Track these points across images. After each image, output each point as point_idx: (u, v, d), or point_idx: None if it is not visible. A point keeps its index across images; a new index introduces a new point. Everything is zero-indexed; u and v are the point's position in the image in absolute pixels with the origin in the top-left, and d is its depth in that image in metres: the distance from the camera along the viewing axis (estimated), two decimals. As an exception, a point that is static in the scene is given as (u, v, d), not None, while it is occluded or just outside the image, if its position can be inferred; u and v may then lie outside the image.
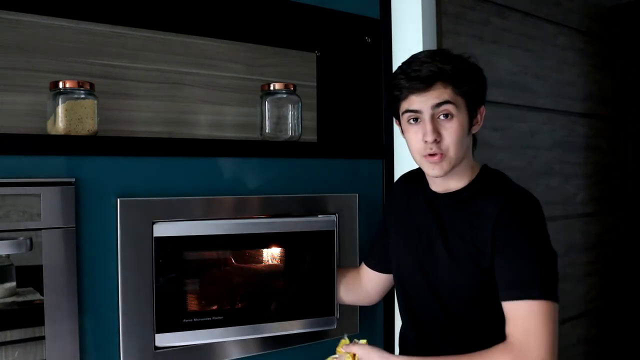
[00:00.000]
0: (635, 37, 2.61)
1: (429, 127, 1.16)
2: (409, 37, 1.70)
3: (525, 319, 1.08)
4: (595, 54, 2.53)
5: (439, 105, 1.16)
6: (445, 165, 1.18)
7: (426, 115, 1.17)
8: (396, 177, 1.68)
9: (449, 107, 1.16)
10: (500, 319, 1.17)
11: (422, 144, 1.19)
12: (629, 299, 2.65)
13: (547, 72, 2.27)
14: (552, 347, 1.07)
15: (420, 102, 1.17)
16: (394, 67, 1.68)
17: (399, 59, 1.68)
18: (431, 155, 1.18)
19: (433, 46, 1.72)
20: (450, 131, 1.17)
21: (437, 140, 1.16)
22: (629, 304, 2.65)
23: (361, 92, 1.71)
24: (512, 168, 2.10)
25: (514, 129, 2.13)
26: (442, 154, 1.18)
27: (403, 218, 1.36)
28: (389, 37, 1.70)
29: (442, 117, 1.17)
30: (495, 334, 1.18)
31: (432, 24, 1.73)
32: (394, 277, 1.39)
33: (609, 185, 2.65)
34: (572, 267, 2.38)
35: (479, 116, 1.23)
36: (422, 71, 1.16)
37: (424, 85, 1.16)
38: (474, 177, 1.24)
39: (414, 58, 1.21)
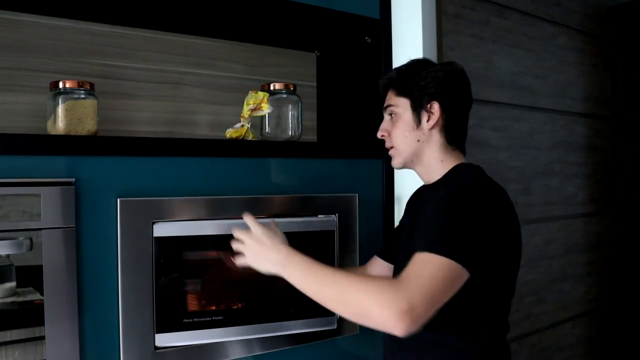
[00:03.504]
0: (635, 37, 2.61)
1: (381, 125, 1.35)
2: (409, 37, 1.70)
3: (417, 265, 1.06)
4: (595, 54, 2.53)
5: (385, 108, 1.34)
6: (397, 157, 1.32)
7: (385, 116, 1.35)
8: (396, 177, 1.68)
9: (392, 109, 1.32)
10: (464, 316, 1.19)
11: None
12: (629, 299, 2.65)
13: (547, 72, 2.27)
14: (429, 297, 1.02)
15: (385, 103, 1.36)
16: (394, 67, 1.69)
17: (399, 59, 1.68)
18: (388, 148, 1.35)
19: (433, 46, 1.72)
20: (395, 127, 1.31)
21: (384, 136, 1.33)
22: (629, 304, 2.65)
23: (361, 92, 1.71)
24: (512, 168, 2.10)
25: (514, 129, 2.13)
26: (392, 147, 1.33)
27: (407, 218, 1.41)
28: (389, 37, 1.70)
29: (390, 117, 1.33)
30: (461, 330, 1.19)
31: (432, 24, 1.73)
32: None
33: (609, 185, 2.65)
34: (572, 267, 2.38)
35: (433, 112, 1.27)
36: (381, 80, 1.36)
37: (382, 92, 1.36)
38: (445, 172, 1.28)
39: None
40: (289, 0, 1.49)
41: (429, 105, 1.27)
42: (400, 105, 1.31)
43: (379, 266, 1.47)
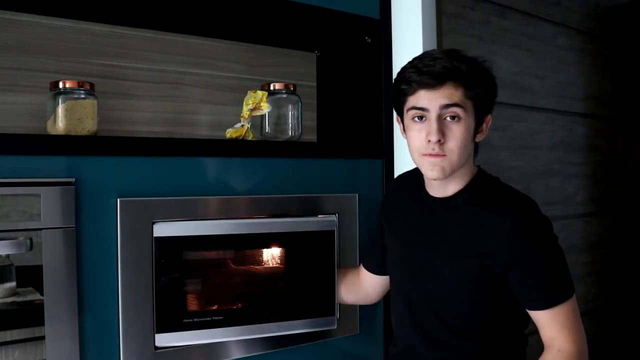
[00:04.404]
0: (635, 37, 2.61)
1: (434, 126, 1.13)
2: (409, 37, 1.70)
3: (559, 324, 1.18)
4: (595, 54, 2.53)
5: (447, 106, 1.13)
6: (446, 168, 1.15)
7: (433, 114, 1.14)
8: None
9: (457, 110, 1.13)
10: (490, 327, 1.22)
11: (423, 143, 1.15)
12: (629, 298, 2.65)
13: (547, 72, 2.27)
14: (583, 334, 1.20)
15: (429, 99, 1.13)
16: (394, 67, 1.69)
17: (399, 59, 1.69)
18: (433, 155, 1.15)
19: (433, 46, 1.72)
20: (456, 134, 1.14)
21: (441, 142, 1.13)
22: (629, 304, 2.65)
23: (361, 92, 1.71)
24: (512, 168, 2.10)
25: (514, 129, 2.13)
26: (444, 156, 1.15)
27: (397, 221, 1.35)
28: (389, 37, 1.70)
29: (449, 118, 1.14)
30: (483, 340, 1.22)
31: (432, 24, 1.73)
32: (389, 277, 1.39)
33: (609, 185, 2.65)
34: (572, 267, 2.36)
35: (484, 125, 1.20)
36: (435, 67, 1.12)
37: (435, 81, 1.12)
38: (468, 181, 1.23)
39: (426, 54, 1.18)
40: (289, 0, 1.49)
41: (487, 117, 1.20)
42: (467, 109, 1.14)
43: (368, 279, 1.46)
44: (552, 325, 1.18)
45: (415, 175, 1.32)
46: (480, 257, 1.17)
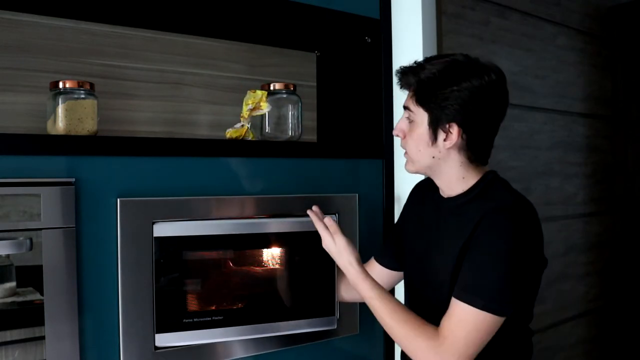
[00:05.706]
0: (635, 37, 2.61)
1: (397, 123, 1.26)
2: (409, 37, 1.70)
3: (461, 322, 1.11)
4: (595, 54, 2.53)
5: (404, 108, 1.24)
6: (409, 165, 1.26)
7: (404, 113, 1.25)
8: (396, 177, 1.68)
9: (409, 113, 1.22)
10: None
11: None
12: (629, 299, 2.65)
13: (547, 72, 2.27)
14: (472, 352, 1.11)
15: (405, 100, 1.25)
16: (394, 67, 1.69)
17: (399, 59, 1.69)
18: (404, 150, 1.27)
19: (433, 46, 1.72)
20: (410, 134, 1.22)
21: (399, 136, 1.25)
22: (629, 304, 2.65)
23: (361, 92, 1.71)
24: (512, 168, 2.10)
25: (514, 129, 2.13)
26: (407, 154, 1.26)
27: (415, 220, 1.37)
28: (389, 37, 1.70)
29: (407, 119, 1.23)
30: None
31: (432, 24, 1.73)
32: (404, 274, 1.39)
33: (609, 185, 2.65)
34: (572, 267, 2.38)
35: (452, 132, 1.17)
36: (402, 71, 1.22)
37: (401, 84, 1.24)
38: (472, 184, 1.23)
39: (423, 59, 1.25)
40: (289, 0, 1.49)
41: (447, 125, 1.17)
42: (418, 115, 1.20)
43: (377, 272, 1.45)
44: (450, 316, 1.11)
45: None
46: (461, 250, 1.18)
